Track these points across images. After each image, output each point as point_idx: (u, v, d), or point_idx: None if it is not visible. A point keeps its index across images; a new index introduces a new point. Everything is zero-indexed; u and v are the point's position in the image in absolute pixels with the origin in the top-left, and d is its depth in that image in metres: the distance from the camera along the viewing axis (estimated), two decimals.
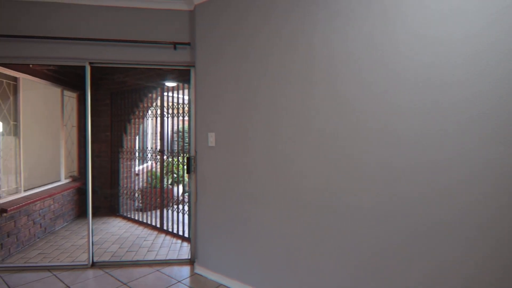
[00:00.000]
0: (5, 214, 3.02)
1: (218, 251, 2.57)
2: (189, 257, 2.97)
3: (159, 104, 4.27)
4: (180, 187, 4.70)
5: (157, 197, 4.44)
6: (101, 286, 2.46)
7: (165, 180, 4.42)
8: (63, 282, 2.51)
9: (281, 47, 2.16)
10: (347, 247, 1.88)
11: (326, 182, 1.96)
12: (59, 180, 4.29)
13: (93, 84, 3.03)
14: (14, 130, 3.45)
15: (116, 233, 3.85)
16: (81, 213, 4.59)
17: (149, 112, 4.62)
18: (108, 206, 4.78)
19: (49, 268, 2.77)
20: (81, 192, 4.57)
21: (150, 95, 4.47)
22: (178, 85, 3.95)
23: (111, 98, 4.73)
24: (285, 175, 2.15)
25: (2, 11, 2.66)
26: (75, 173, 4.72)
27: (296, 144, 2.10)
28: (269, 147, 2.24)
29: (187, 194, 4.09)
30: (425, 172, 1.61)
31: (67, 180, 4.45)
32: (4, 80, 3.30)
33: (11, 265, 2.85)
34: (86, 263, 2.84)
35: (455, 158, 1.53)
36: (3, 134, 3.26)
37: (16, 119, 3.47)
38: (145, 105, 4.54)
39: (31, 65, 3.52)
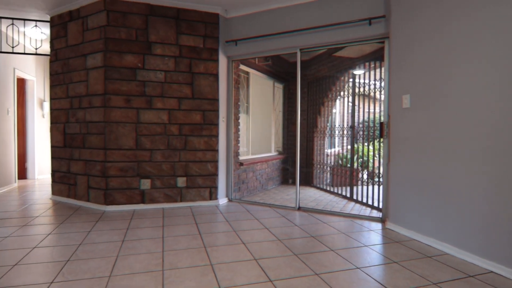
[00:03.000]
0: (242, 167, 4.28)
1: (410, 209, 2.63)
2: (380, 216, 3.16)
3: (350, 86, 4.65)
4: (365, 172, 4.89)
5: (345, 175, 4.84)
6: (306, 220, 3.10)
7: (355, 159, 4.74)
8: (279, 213, 3.34)
9: None
10: None
11: None
12: (270, 152, 5.49)
13: (294, 75, 3.76)
14: (247, 109, 4.79)
15: (312, 196, 4.55)
16: (284, 181, 5.66)
17: (341, 94, 5.09)
18: (304, 178, 5.63)
19: (268, 205, 3.72)
20: (284, 163, 5.63)
21: (341, 78, 4.94)
22: (368, 65, 4.19)
23: (307, 86, 5.57)
24: (486, 131, 1.99)
25: (244, 23, 3.82)
26: (281, 149, 5.86)
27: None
28: (468, 102, 2.12)
29: (372, 179, 4.24)
30: None
31: (275, 153, 5.62)
32: (242, 74, 4.66)
33: (246, 199, 4.02)
34: (294, 206, 3.61)
35: None
36: (241, 112, 4.60)
37: (248, 101, 4.80)
38: (337, 88, 5.04)
39: (257, 62, 4.76)
